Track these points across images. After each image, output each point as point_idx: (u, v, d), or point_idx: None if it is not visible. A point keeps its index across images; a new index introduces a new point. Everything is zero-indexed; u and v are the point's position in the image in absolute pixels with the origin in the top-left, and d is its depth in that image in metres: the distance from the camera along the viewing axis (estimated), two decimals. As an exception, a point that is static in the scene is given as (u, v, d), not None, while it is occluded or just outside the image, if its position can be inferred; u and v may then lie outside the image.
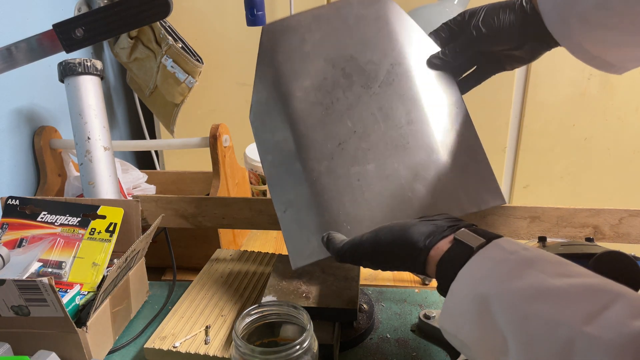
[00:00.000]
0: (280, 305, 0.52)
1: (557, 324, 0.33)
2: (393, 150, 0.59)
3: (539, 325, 0.34)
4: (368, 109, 0.60)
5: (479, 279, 0.40)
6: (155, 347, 0.59)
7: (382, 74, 0.61)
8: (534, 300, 0.35)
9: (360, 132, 0.59)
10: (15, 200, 0.70)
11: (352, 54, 0.62)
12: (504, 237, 0.43)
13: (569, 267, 0.38)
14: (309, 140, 0.60)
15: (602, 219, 0.69)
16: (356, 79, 0.61)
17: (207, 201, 0.76)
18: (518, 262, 0.39)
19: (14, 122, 0.85)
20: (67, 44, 0.59)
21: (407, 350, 0.62)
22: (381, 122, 0.59)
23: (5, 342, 0.56)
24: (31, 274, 0.63)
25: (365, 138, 0.59)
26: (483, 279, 0.39)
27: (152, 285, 0.76)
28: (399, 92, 0.60)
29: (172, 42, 0.99)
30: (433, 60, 0.61)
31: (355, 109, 0.60)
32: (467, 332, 0.40)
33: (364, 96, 0.60)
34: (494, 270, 0.39)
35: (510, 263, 0.39)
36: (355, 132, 0.59)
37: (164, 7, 0.59)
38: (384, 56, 0.61)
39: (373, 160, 0.58)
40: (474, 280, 0.40)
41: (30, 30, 0.82)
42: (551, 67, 1.21)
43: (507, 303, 0.36)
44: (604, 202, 1.33)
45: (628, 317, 0.31)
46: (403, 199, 0.57)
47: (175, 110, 1.08)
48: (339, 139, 0.59)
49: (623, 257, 0.47)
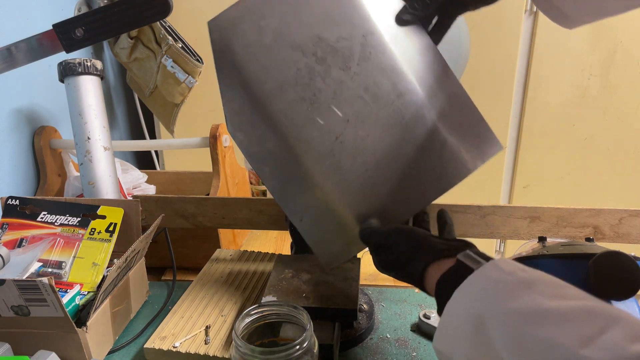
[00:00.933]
0: (280, 305, 0.52)
1: (554, 346, 0.32)
2: (391, 129, 0.57)
3: (536, 347, 0.33)
4: (354, 93, 0.57)
5: (475, 298, 0.39)
6: (155, 347, 0.59)
7: (357, 49, 0.57)
8: (531, 321, 0.35)
9: (353, 120, 0.57)
10: (15, 200, 0.70)
11: (319, 34, 0.57)
12: (504, 259, 0.43)
13: (567, 290, 0.37)
14: (303, 142, 0.57)
15: (602, 219, 0.69)
16: (331, 62, 0.57)
17: (207, 201, 0.76)
18: (515, 282, 0.38)
19: (14, 122, 0.85)
20: (67, 44, 0.59)
21: (407, 350, 0.62)
22: (371, 104, 0.57)
23: (5, 342, 0.56)
24: (31, 274, 0.63)
25: (360, 125, 0.57)
26: (479, 298, 0.39)
27: (152, 285, 0.76)
28: (379, 65, 0.57)
29: (172, 42, 0.99)
30: (402, 16, 0.58)
31: (341, 96, 0.57)
32: (461, 352, 0.39)
33: (346, 80, 0.57)
34: (490, 289, 0.39)
35: (508, 283, 0.39)
36: (349, 121, 0.57)
37: (164, 7, 0.59)
38: (352, 27, 0.57)
39: (374, 145, 0.57)
40: (470, 299, 0.40)
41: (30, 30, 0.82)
42: (551, 67, 1.21)
43: (503, 323, 0.36)
44: (604, 202, 1.33)
45: (626, 341, 0.31)
46: (414, 175, 0.56)
47: (175, 110, 1.08)
48: (335, 133, 0.57)
49: (623, 257, 0.47)
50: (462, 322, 0.39)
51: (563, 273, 0.52)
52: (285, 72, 0.57)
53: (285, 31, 0.57)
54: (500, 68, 1.20)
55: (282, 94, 0.57)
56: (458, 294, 0.41)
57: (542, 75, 1.22)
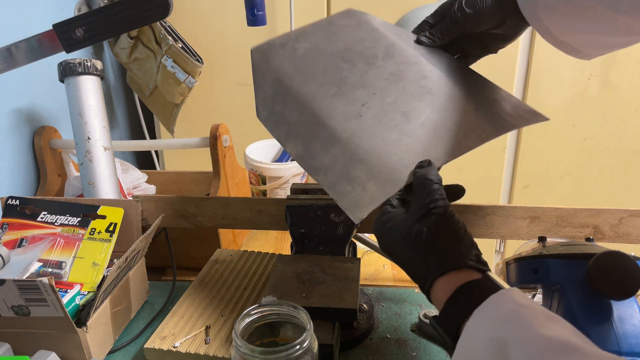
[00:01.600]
0: (280, 305, 0.52)
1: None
2: (419, 97, 0.58)
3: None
4: (380, 76, 0.60)
5: (500, 320, 0.37)
6: (155, 347, 0.59)
7: (381, 52, 0.61)
8: (559, 352, 0.33)
9: (379, 92, 0.58)
10: (15, 200, 0.70)
11: (346, 47, 0.63)
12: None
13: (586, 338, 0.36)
14: (330, 110, 0.58)
15: (602, 219, 0.69)
16: (357, 61, 0.61)
17: (207, 201, 0.76)
18: (542, 312, 0.37)
19: (14, 122, 0.85)
20: (67, 44, 0.59)
21: (407, 350, 0.62)
22: (397, 83, 0.59)
23: (5, 342, 0.56)
24: (31, 274, 0.63)
25: (386, 96, 0.58)
26: (505, 321, 0.37)
27: (152, 285, 0.76)
28: (403, 60, 0.61)
29: (172, 42, 0.99)
30: (421, 38, 0.62)
31: (367, 79, 0.60)
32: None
33: (371, 69, 0.60)
34: (516, 313, 0.37)
35: (535, 311, 0.37)
36: (375, 94, 0.58)
37: (164, 7, 0.59)
38: (376, 43, 0.62)
39: (402, 108, 0.57)
40: (494, 321, 0.38)
41: (30, 30, 0.82)
42: (551, 67, 1.21)
43: (530, 349, 0.34)
44: (604, 202, 1.33)
45: None
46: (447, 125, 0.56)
47: (175, 110, 1.08)
48: (361, 101, 0.58)
49: (623, 257, 0.47)
50: (484, 345, 0.37)
51: (563, 273, 0.52)
52: (314, 68, 0.62)
53: (315, 49, 0.64)
54: (500, 68, 1.20)
55: (310, 81, 0.61)
56: (480, 314, 0.39)
57: (542, 75, 1.22)
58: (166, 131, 1.16)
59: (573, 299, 0.50)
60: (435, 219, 0.46)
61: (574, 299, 0.50)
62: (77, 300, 0.61)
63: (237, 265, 0.76)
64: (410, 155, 0.53)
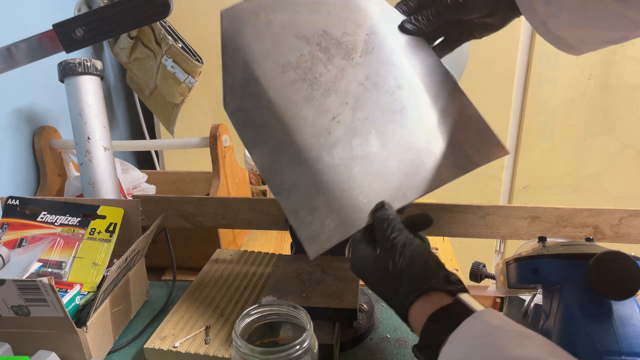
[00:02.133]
0: (280, 305, 0.52)
1: None
2: (390, 115, 0.56)
3: None
4: (355, 79, 0.57)
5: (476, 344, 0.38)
6: (155, 347, 0.59)
7: (360, 44, 0.59)
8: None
9: (352, 103, 0.56)
10: (15, 200, 0.70)
11: (324, 29, 0.59)
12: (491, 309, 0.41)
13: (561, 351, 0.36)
14: (300, 119, 0.56)
15: (602, 219, 0.69)
16: (335, 52, 0.58)
17: (207, 201, 0.76)
18: (515, 332, 0.37)
19: (14, 122, 0.85)
20: (67, 44, 0.59)
21: (407, 350, 0.62)
22: (371, 90, 0.57)
23: (5, 342, 0.56)
24: (31, 274, 0.63)
25: (358, 108, 0.56)
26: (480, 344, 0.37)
27: (152, 285, 0.76)
28: (381, 59, 0.58)
29: (172, 42, 0.99)
30: (406, 24, 0.59)
31: (342, 81, 0.57)
32: None
33: (347, 67, 0.58)
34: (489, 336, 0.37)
35: (508, 332, 0.37)
36: (347, 104, 0.56)
37: (164, 7, 0.59)
38: (357, 27, 0.59)
39: (373, 128, 0.56)
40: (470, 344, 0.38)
41: (30, 30, 0.82)
42: (551, 67, 1.21)
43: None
44: (604, 202, 1.33)
45: None
46: (413, 162, 0.55)
47: (175, 110, 1.08)
48: (332, 113, 0.56)
49: (623, 257, 0.47)
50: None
51: (563, 273, 0.52)
52: (288, 56, 0.58)
53: (293, 23, 0.59)
54: (500, 68, 1.20)
55: (282, 74, 0.58)
56: (456, 338, 0.39)
57: (542, 75, 1.22)
58: (166, 131, 1.16)
59: (573, 299, 0.50)
60: (397, 251, 0.47)
61: (574, 299, 0.50)
62: (77, 300, 0.61)
63: (237, 265, 0.76)
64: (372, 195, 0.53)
